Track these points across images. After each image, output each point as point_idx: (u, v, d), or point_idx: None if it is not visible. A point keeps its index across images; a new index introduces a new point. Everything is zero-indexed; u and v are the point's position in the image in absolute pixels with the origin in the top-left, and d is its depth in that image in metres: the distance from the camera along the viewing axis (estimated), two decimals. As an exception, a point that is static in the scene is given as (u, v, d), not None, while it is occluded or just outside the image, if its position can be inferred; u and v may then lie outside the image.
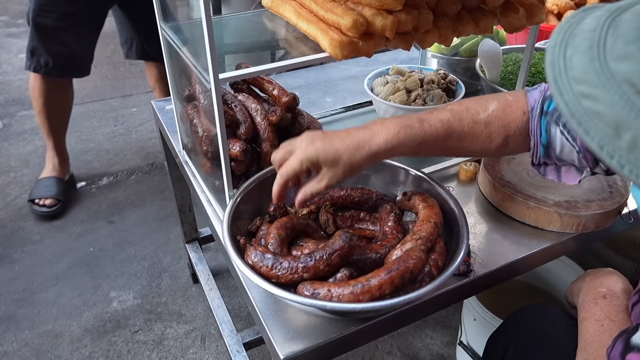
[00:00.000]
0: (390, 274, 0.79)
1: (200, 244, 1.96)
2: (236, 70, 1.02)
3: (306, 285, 0.81)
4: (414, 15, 0.93)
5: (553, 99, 0.80)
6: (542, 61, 1.49)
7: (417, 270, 0.81)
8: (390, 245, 0.90)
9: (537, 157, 0.87)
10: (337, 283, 0.81)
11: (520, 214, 1.10)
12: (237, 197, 0.99)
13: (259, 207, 1.03)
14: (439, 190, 1.01)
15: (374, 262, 0.87)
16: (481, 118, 0.84)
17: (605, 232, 1.11)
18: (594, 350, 0.80)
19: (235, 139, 1.10)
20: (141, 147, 2.89)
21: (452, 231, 0.95)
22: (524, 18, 1.05)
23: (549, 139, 0.84)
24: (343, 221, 1.03)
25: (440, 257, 0.88)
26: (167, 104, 1.53)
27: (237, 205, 0.98)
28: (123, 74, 3.77)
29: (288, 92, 1.17)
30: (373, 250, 0.89)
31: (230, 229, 0.92)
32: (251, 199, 1.02)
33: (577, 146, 0.81)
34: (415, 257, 0.82)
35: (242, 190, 1.01)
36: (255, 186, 1.03)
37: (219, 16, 1.21)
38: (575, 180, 0.88)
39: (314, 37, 0.95)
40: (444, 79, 1.44)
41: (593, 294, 0.90)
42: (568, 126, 0.81)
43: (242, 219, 0.99)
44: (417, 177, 1.06)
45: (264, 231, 0.95)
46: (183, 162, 1.32)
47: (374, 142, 0.83)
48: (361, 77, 1.48)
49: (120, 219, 2.34)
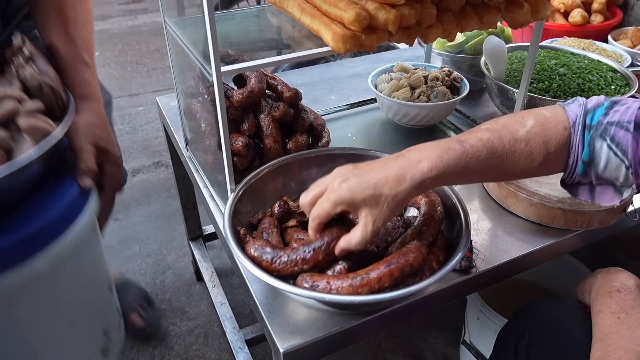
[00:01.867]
0: (390, 267, 0.78)
1: (204, 241, 1.96)
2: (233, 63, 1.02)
3: (305, 277, 0.81)
4: (417, 10, 0.93)
5: (595, 112, 0.76)
6: (547, 59, 1.49)
7: (418, 264, 0.81)
8: (391, 239, 0.90)
9: (573, 176, 0.80)
10: (336, 276, 0.80)
11: (524, 210, 1.09)
12: (239, 190, 0.99)
13: (262, 201, 1.03)
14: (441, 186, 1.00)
15: (375, 255, 0.87)
16: (520, 135, 0.77)
17: (610, 229, 1.10)
18: (613, 342, 0.78)
19: (238, 133, 1.10)
20: (147, 145, 2.91)
21: (453, 226, 0.95)
22: (529, 14, 1.05)
23: (591, 154, 0.76)
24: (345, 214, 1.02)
25: (441, 252, 0.87)
26: (171, 100, 1.54)
27: (240, 198, 0.98)
28: (130, 74, 3.79)
29: (291, 87, 1.18)
30: (374, 244, 0.89)
31: (232, 220, 0.92)
32: (253, 193, 1.02)
33: (628, 160, 0.74)
34: (415, 250, 0.81)
35: (244, 183, 1.01)
36: (257, 180, 1.03)
37: (223, 11, 1.21)
38: (612, 202, 0.80)
39: (317, 32, 0.95)
40: (448, 76, 1.43)
41: (607, 288, 0.88)
42: (618, 138, 0.74)
43: (243, 213, 0.99)
44: None
45: (266, 224, 0.96)
46: (187, 158, 1.33)
47: (417, 170, 0.73)
48: (366, 74, 1.48)
49: (126, 217, 2.35)
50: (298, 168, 1.09)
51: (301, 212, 0.97)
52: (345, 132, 1.41)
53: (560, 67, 1.43)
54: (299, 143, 1.17)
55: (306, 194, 0.81)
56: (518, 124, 0.78)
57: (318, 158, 1.10)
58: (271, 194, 1.06)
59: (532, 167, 0.79)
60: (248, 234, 0.91)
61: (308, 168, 1.09)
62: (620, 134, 0.71)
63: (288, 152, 1.18)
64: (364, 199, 0.73)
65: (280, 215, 0.98)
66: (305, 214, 0.87)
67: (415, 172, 0.73)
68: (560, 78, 1.39)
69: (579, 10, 1.86)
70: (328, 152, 1.12)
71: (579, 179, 0.80)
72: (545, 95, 1.35)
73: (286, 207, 0.99)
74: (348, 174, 0.76)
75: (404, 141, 1.37)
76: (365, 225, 0.76)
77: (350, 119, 1.49)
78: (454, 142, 0.76)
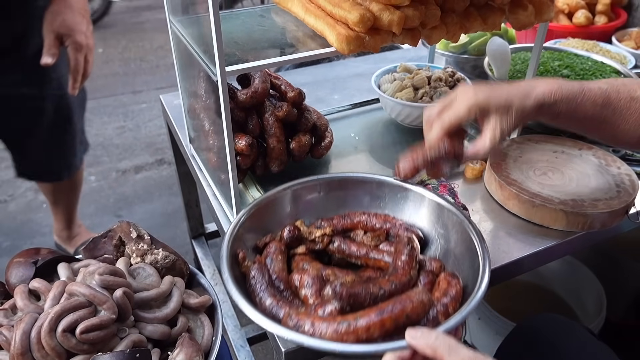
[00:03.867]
0: (381, 316, 0.69)
1: (206, 239, 1.97)
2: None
3: (292, 315, 0.74)
4: (421, 11, 0.93)
5: None
6: (551, 60, 1.49)
7: (416, 315, 0.71)
8: (398, 282, 0.79)
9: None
10: (323, 318, 0.72)
11: (526, 212, 1.09)
12: (247, 211, 0.93)
13: (273, 223, 0.97)
14: (460, 219, 0.90)
15: (376, 298, 0.76)
16: (639, 95, 0.81)
17: (612, 231, 1.10)
18: None
19: (242, 133, 1.11)
20: (150, 142, 2.92)
21: (472, 265, 0.85)
22: (533, 15, 1.05)
23: None
24: (358, 248, 0.91)
25: (452, 304, 0.76)
26: (175, 98, 1.54)
27: (248, 218, 0.92)
28: (134, 70, 3.80)
29: (294, 87, 1.18)
30: (377, 285, 0.77)
31: (233, 243, 0.87)
32: (263, 214, 0.96)
33: None
34: (416, 300, 0.71)
35: (254, 204, 0.94)
36: (269, 201, 0.96)
37: (227, 11, 1.22)
38: None
39: (321, 32, 0.96)
40: (451, 77, 1.43)
41: None
42: None
43: (252, 233, 0.94)
44: (437, 204, 0.95)
45: (272, 249, 0.89)
46: (190, 156, 1.33)
47: (539, 90, 0.81)
48: (369, 74, 1.48)
49: (128, 214, 2.36)
50: (317, 191, 1.01)
51: (313, 239, 0.92)
52: (348, 132, 1.41)
53: (563, 68, 1.43)
54: (302, 143, 1.17)
55: (431, 108, 0.87)
56: (637, 85, 0.82)
57: (330, 184, 1.02)
58: (286, 216, 0.99)
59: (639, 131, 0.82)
60: (248, 258, 0.86)
61: (327, 191, 1.01)
62: None
63: (291, 152, 1.18)
64: (498, 105, 0.80)
65: (289, 241, 0.91)
66: (314, 242, 0.89)
67: (538, 92, 0.81)
68: (563, 80, 1.39)
69: (583, 12, 1.86)
70: (342, 178, 1.02)
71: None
72: (549, 97, 1.35)
73: (296, 232, 0.92)
74: (478, 88, 0.83)
75: (407, 141, 1.38)
76: (494, 130, 0.82)
77: (353, 119, 1.50)
78: (574, 82, 0.82)
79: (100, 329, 0.70)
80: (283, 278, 0.84)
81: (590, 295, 1.62)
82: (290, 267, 0.90)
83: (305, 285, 0.80)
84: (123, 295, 0.74)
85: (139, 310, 0.79)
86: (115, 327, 0.73)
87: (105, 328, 0.71)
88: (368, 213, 0.97)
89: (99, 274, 0.75)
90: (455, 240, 0.91)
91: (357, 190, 1.01)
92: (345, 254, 0.91)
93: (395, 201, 0.99)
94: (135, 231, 0.92)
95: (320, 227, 0.95)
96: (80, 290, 0.72)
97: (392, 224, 0.95)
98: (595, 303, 1.58)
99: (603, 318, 1.53)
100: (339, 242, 0.92)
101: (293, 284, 0.83)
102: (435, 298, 0.77)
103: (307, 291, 0.79)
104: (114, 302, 0.73)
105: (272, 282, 0.83)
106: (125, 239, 0.92)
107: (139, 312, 0.78)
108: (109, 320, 0.71)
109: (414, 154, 0.91)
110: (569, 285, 1.68)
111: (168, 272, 0.90)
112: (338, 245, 0.92)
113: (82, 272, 0.81)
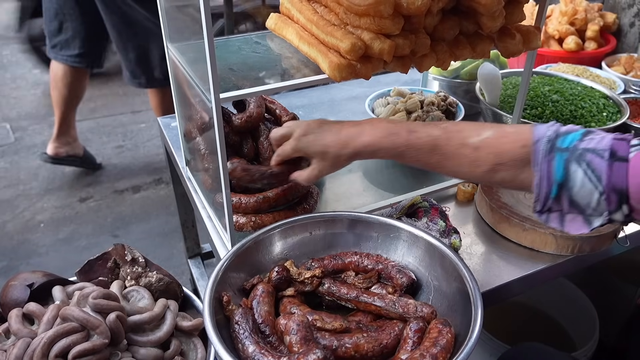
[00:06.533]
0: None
1: (202, 259, 1.98)
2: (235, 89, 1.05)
3: (265, 356, 0.74)
4: (411, 40, 0.96)
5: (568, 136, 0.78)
6: (541, 85, 1.52)
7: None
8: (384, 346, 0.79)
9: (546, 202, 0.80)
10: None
11: (516, 235, 1.11)
12: (233, 252, 0.90)
13: (255, 267, 0.94)
14: (455, 263, 0.87)
15: None
16: (471, 142, 0.84)
17: (601, 255, 1.12)
18: None
19: (236, 156, 1.13)
20: (148, 162, 2.94)
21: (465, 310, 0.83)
22: (521, 44, 1.08)
23: (565, 177, 0.77)
24: (349, 290, 0.89)
25: (442, 354, 0.74)
26: (172, 120, 1.57)
27: (237, 258, 0.90)
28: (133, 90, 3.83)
29: (289, 111, 1.20)
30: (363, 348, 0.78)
31: (218, 285, 0.84)
32: (251, 254, 0.94)
33: (602, 186, 0.75)
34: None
35: (239, 245, 0.92)
36: (254, 243, 0.94)
37: (223, 37, 1.25)
38: (580, 230, 0.81)
39: (315, 59, 0.98)
40: (444, 101, 1.46)
41: None
42: (593, 165, 0.75)
43: (238, 274, 0.91)
44: (431, 245, 0.92)
45: (258, 292, 0.86)
46: (186, 178, 1.35)
47: (358, 141, 0.89)
48: (364, 97, 1.50)
49: (125, 233, 2.37)
50: (308, 231, 0.99)
51: (302, 281, 0.89)
52: (343, 154, 1.43)
53: (553, 93, 1.46)
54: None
55: (277, 131, 0.99)
56: (474, 132, 0.85)
57: (320, 223, 1.00)
58: (275, 256, 0.96)
59: (477, 171, 0.85)
60: (234, 301, 0.84)
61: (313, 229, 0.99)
62: (596, 161, 0.74)
63: (285, 175, 1.19)
64: (315, 152, 0.93)
65: (278, 283, 0.88)
66: (303, 283, 0.89)
67: (357, 143, 0.89)
68: (553, 104, 1.42)
69: (573, 37, 1.90)
70: (332, 217, 1.01)
71: (551, 205, 0.82)
72: (539, 122, 1.37)
73: (285, 274, 0.89)
74: (310, 130, 0.94)
75: (399, 165, 1.39)
76: (312, 170, 0.96)
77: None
78: (404, 129, 0.88)
79: (93, 353, 0.71)
80: (269, 322, 0.82)
81: (583, 317, 1.63)
82: (278, 309, 0.88)
83: (290, 332, 0.77)
84: (116, 320, 0.75)
85: (132, 334, 0.79)
86: (108, 351, 0.74)
87: (97, 352, 0.72)
88: (360, 253, 0.95)
89: (93, 297, 0.77)
90: (448, 284, 0.88)
91: (348, 229, 0.99)
92: (335, 296, 0.89)
93: (388, 241, 0.97)
94: (130, 254, 0.94)
95: (310, 267, 0.93)
96: (74, 315, 0.73)
97: (385, 265, 0.92)
98: (588, 326, 1.59)
99: (596, 341, 1.53)
100: (329, 284, 0.90)
101: (279, 329, 0.80)
102: (425, 348, 0.75)
103: (292, 338, 0.77)
104: (107, 326, 0.74)
105: (258, 327, 0.81)
106: (120, 261, 0.93)
107: (132, 335, 0.79)
108: (101, 344, 0.72)
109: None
110: (563, 307, 1.69)
111: (162, 294, 0.91)
112: (328, 287, 0.89)
113: (77, 295, 0.82)
